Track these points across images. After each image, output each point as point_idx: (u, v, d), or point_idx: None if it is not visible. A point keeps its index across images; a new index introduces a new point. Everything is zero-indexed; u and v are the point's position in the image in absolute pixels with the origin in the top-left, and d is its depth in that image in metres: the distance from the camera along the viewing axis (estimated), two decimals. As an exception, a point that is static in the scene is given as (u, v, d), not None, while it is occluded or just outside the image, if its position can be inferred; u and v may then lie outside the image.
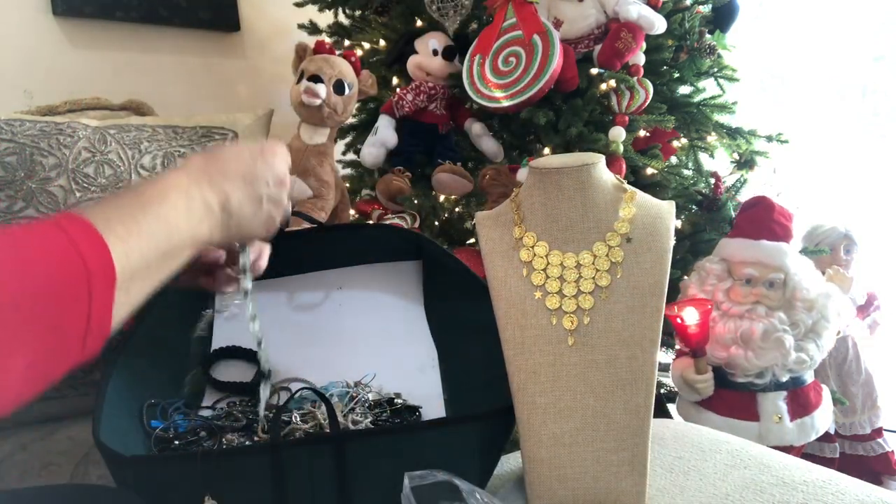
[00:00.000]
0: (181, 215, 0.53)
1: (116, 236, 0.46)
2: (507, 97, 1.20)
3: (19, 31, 1.47)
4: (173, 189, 0.54)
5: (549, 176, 0.75)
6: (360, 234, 1.00)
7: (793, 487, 0.73)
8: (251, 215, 0.62)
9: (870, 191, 2.14)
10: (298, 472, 0.65)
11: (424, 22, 1.45)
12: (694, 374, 1.22)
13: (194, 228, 0.55)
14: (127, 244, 0.46)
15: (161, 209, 0.51)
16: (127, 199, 0.51)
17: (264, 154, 0.64)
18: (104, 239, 0.44)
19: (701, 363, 1.21)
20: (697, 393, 1.24)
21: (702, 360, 1.21)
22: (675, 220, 0.76)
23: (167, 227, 0.51)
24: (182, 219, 0.53)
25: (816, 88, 2.20)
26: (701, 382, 1.22)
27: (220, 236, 0.60)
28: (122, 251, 0.45)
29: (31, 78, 1.49)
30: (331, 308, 0.98)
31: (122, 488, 0.64)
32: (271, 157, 0.65)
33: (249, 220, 0.62)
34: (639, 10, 1.22)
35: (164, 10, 1.67)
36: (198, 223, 0.56)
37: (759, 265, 1.23)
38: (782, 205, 1.30)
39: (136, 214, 0.49)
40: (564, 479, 0.72)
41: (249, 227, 0.63)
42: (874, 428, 1.58)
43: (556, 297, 0.73)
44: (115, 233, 0.46)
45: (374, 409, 0.83)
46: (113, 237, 0.45)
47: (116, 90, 1.48)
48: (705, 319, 1.16)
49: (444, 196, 1.46)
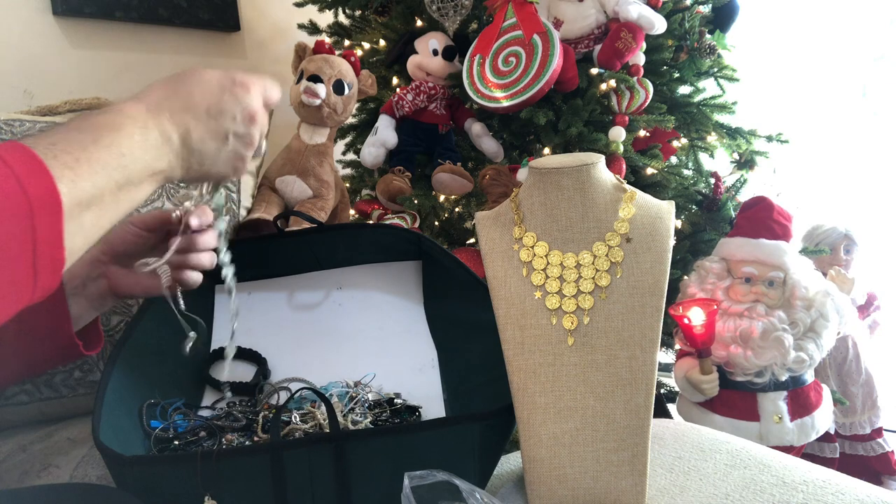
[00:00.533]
0: (136, 146, 0.51)
1: (62, 164, 0.44)
2: (507, 97, 1.20)
3: (19, 31, 1.47)
4: (129, 119, 0.52)
5: (549, 176, 0.75)
6: (360, 234, 1.00)
7: (793, 487, 0.73)
8: (214, 152, 0.59)
9: (870, 191, 2.14)
10: (298, 473, 0.65)
11: (424, 22, 1.45)
12: (699, 375, 1.22)
13: (152, 161, 0.52)
14: (75, 171, 0.44)
15: (115, 138, 0.49)
16: (77, 127, 0.49)
17: (234, 87, 0.60)
18: (47, 166, 0.43)
19: (706, 364, 1.21)
20: (702, 394, 1.24)
21: (707, 360, 1.21)
22: (675, 220, 0.76)
23: (120, 157, 0.49)
24: (137, 149, 0.51)
25: (816, 88, 2.20)
26: (707, 383, 1.21)
27: (182, 172, 0.57)
28: (69, 178, 0.44)
29: (31, 78, 1.49)
30: (331, 308, 0.98)
31: (121, 488, 0.64)
32: (242, 91, 0.60)
33: (213, 156, 0.59)
34: (639, 10, 1.22)
35: (164, 10, 1.66)
36: (155, 156, 0.53)
37: (758, 264, 1.24)
38: (781, 205, 1.30)
39: (85, 142, 0.47)
40: (564, 478, 0.72)
41: (213, 165, 0.60)
42: (874, 428, 1.58)
43: (556, 297, 0.73)
44: (59, 160, 0.44)
45: (373, 409, 0.83)
46: (58, 165, 0.43)
47: (116, 90, 1.49)
48: (711, 320, 1.16)
49: (444, 196, 1.46)
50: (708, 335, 1.18)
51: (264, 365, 0.91)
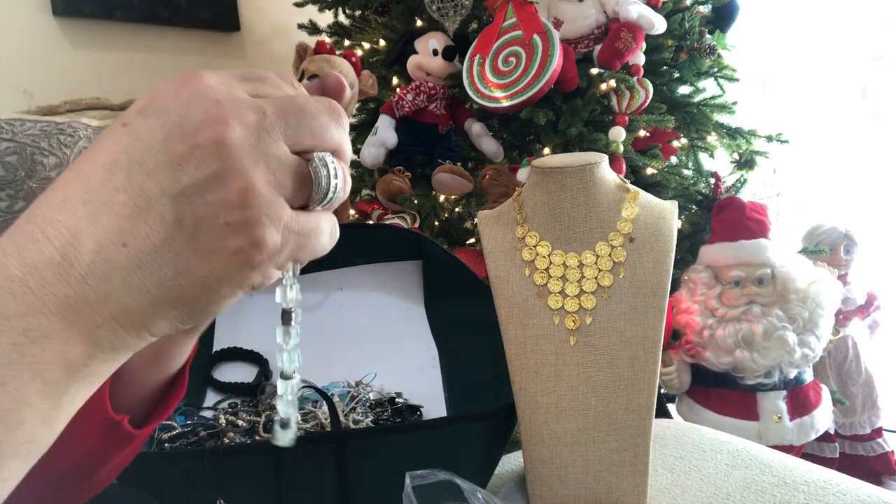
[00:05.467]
0: None
1: None
2: (507, 97, 1.20)
3: (19, 31, 1.47)
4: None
5: (551, 175, 0.75)
6: (360, 234, 0.99)
7: (794, 488, 0.73)
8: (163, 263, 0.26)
9: (870, 191, 2.14)
10: (300, 472, 0.65)
11: (424, 22, 1.45)
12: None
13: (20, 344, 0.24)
14: None
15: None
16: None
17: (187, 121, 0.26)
18: None
19: (665, 355, 1.22)
20: (664, 386, 1.25)
21: (666, 352, 1.22)
22: (677, 221, 0.76)
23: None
24: None
25: (816, 88, 2.20)
26: (665, 375, 1.23)
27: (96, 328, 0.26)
28: None
29: (31, 78, 1.49)
30: (331, 308, 0.98)
31: (124, 485, 0.64)
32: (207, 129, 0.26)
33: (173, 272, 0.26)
34: (639, 9, 1.22)
35: (164, 10, 1.66)
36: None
37: (743, 265, 1.24)
38: (753, 200, 1.31)
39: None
40: (566, 478, 0.72)
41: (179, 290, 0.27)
42: (874, 428, 1.58)
43: (559, 297, 0.73)
44: None
45: (375, 408, 0.83)
46: None
47: (116, 90, 1.48)
48: None
49: (444, 196, 1.46)
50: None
51: (266, 366, 0.91)
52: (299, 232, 0.29)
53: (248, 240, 0.27)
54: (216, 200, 0.26)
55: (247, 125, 0.27)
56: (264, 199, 0.26)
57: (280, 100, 0.28)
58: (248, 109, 0.27)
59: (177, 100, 0.27)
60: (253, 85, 0.29)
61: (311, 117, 0.29)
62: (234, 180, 0.26)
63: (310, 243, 0.30)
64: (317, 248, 0.30)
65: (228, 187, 0.26)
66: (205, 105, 0.26)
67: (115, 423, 0.46)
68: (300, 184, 0.28)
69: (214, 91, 0.27)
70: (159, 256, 0.26)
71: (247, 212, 0.26)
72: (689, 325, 1.27)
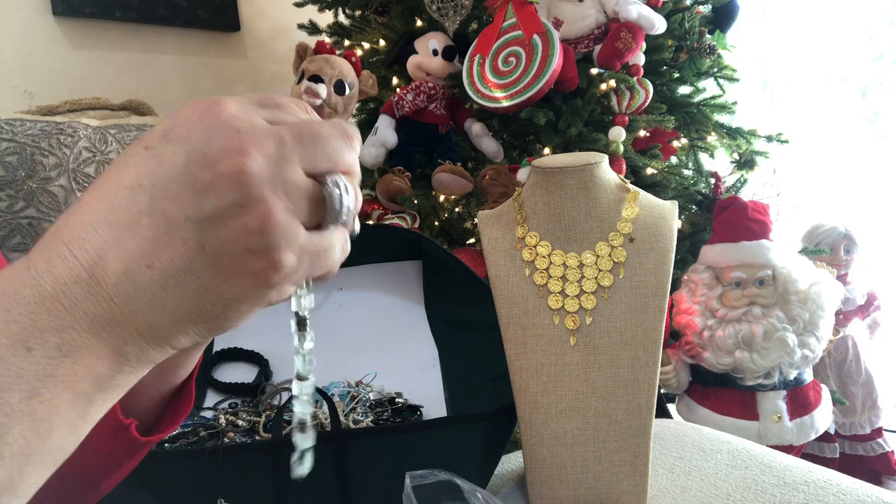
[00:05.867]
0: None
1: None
2: (507, 97, 1.20)
3: (19, 31, 1.47)
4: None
5: (552, 175, 0.75)
6: (360, 234, 0.99)
7: (794, 488, 0.73)
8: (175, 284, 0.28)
9: (869, 191, 2.14)
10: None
11: (424, 22, 1.45)
12: None
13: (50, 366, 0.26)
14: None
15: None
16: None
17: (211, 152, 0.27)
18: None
19: (663, 355, 1.23)
20: (662, 385, 1.25)
21: (664, 352, 1.22)
22: (677, 221, 0.76)
23: None
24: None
25: (816, 89, 2.20)
26: (662, 374, 1.23)
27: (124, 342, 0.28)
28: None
29: (31, 78, 1.49)
30: (331, 308, 0.98)
31: (125, 486, 0.64)
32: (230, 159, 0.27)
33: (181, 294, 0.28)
34: (639, 10, 1.22)
35: (164, 10, 1.66)
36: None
37: (744, 266, 1.24)
38: (755, 200, 1.30)
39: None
40: (566, 478, 0.72)
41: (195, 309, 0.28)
42: (874, 428, 1.58)
43: (559, 297, 0.73)
44: None
45: (375, 408, 0.83)
46: None
47: (116, 90, 1.49)
48: None
49: (444, 196, 1.46)
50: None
51: (266, 366, 0.91)
52: (313, 252, 0.30)
53: (266, 262, 0.28)
54: (237, 227, 0.27)
55: (267, 155, 0.28)
56: (282, 225, 0.28)
57: (297, 126, 0.29)
58: (268, 138, 0.28)
59: (199, 127, 0.28)
60: (272, 112, 0.30)
61: (326, 142, 0.30)
62: (254, 208, 0.27)
63: (323, 261, 0.31)
64: (329, 264, 0.32)
65: (249, 215, 0.27)
66: (226, 134, 0.27)
67: (124, 427, 0.47)
68: (315, 206, 0.30)
69: (235, 119, 0.28)
70: (182, 278, 0.27)
71: (267, 238, 0.28)
72: (689, 326, 1.27)
